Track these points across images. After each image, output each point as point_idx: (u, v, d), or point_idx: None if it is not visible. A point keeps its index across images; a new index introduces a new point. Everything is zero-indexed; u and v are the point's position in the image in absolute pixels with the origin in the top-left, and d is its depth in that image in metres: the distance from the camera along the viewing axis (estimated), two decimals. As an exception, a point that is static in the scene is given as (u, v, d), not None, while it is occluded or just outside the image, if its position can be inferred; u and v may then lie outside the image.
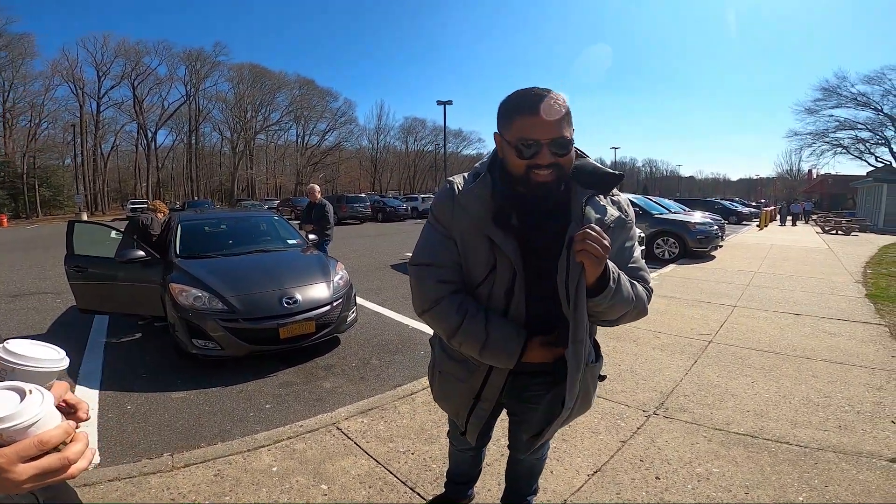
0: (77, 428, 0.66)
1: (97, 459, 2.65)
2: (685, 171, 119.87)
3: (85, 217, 32.94)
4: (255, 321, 3.93)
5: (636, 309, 1.25)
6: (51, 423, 0.61)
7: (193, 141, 60.50)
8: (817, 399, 3.22)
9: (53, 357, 0.71)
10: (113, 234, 5.39)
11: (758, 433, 2.76)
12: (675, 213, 12.18)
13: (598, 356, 1.45)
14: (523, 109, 1.17)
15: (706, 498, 2.17)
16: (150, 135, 56.99)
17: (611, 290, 1.14)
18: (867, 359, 4.02)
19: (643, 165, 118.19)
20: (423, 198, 31.03)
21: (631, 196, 12.50)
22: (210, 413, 3.27)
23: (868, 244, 15.25)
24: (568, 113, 1.18)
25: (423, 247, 1.34)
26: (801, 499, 2.14)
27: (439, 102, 35.23)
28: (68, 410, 0.70)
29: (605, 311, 1.20)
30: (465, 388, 1.43)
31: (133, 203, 37.64)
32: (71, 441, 0.62)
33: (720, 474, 2.35)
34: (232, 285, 4.17)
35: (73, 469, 0.60)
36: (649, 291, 1.31)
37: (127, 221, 5.39)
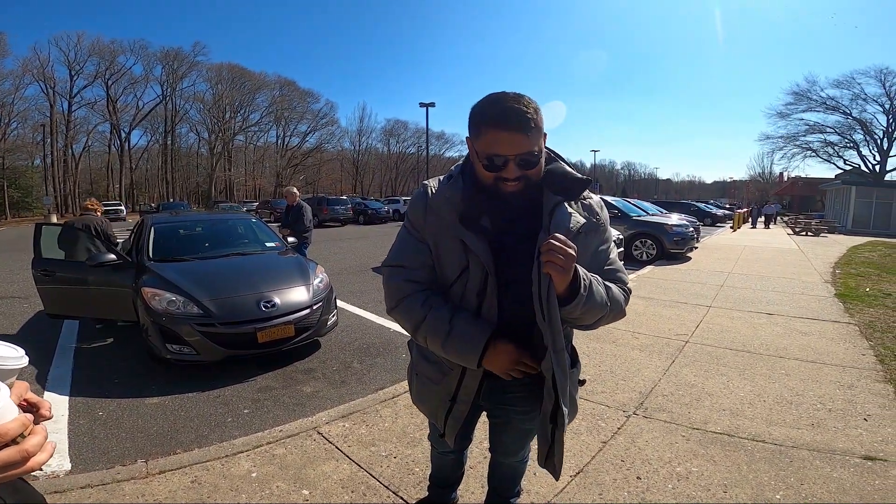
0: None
1: (67, 465, 2.57)
2: (662, 174, 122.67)
3: (54, 219, 31.90)
4: (232, 325, 3.86)
5: (612, 312, 1.24)
6: (7, 416, 0.60)
7: (169, 142, 59.12)
8: (790, 397, 3.30)
9: (11, 355, 0.71)
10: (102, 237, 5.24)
11: (734, 432, 2.81)
12: (652, 215, 12.42)
13: (576, 362, 1.44)
14: (490, 122, 1.15)
15: (686, 497, 2.19)
16: (123, 135, 55.50)
17: (582, 298, 1.14)
18: (838, 357, 4.15)
19: (622, 168, 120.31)
20: (405, 200, 30.96)
21: (610, 198, 12.68)
22: (186, 419, 3.19)
23: (837, 245, 15.80)
24: (537, 125, 1.15)
25: (396, 249, 1.38)
26: (777, 497, 2.18)
27: (422, 104, 35.15)
28: (30, 409, 0.69)
29: (580, 317, 1.20)
30: (441, 389, 1.42)
31: (105, 205, 36.57)
32: (29, 434, 0.61)
33: (699, 473, 2.38)
34: (208, 289, 4.09)
35: (32, 462, 0.60)
36: (626, 292, 1.31)
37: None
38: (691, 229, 11.43)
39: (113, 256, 4.53)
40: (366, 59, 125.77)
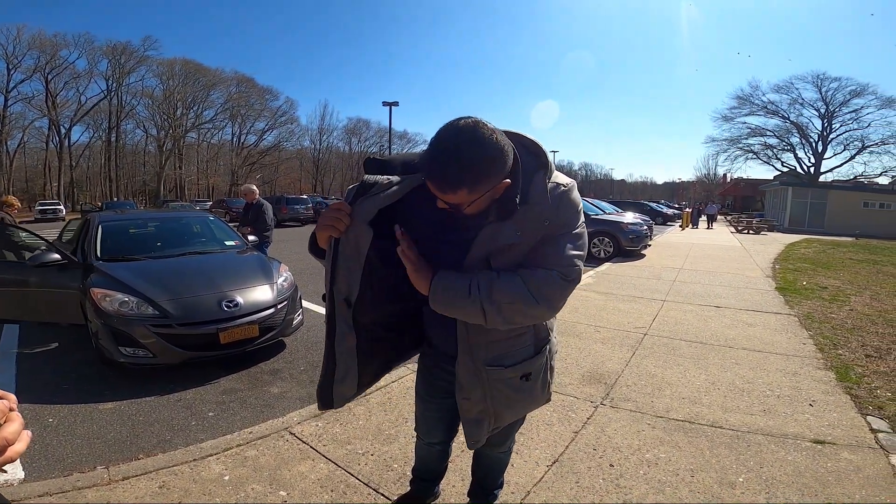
0: None
1: (21, 474, 2.40)
2: (617, 175, 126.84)
3: (-17, 219, 29.38)
4: (192, 326, 3.71)
5: (507, 300, 1.17)
6: None
7: (114, 138, 55.83)
8: (742, 385, 3.51)
9: None
10: (23, 235, 4.89)
11: (694, 419, 2.96)
12: (609, 214, 12.86)
13: (515, 363, 1.36)
14: (426, 168, 1.11)
15: (657, 482, 2.30)
16: (63, 131, 51.89)
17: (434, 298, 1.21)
18: (781, 346, 4.45)
19: (580, 169, 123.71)
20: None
21: (582, 206, 13.02)
22: (146, 423, 3.04)
23: (776, 243, 16.91)
24: (478, 181, 1.07)
25: None
26: (740, 479, 2.32)
27: (385, 103, 34.84)
28: None
29: (456, 313, 1.24)
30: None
31: (42, 205, 34.12)
32: (5, 422, 0.59)
33: (667, 459, 2.50)
34: (164, 289, 3.91)
35: (10, 451, 0.58)
36: (553, 281, 1.19)
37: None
38: (645, 228, 11.92)
39: (57, 256, 4.25)
40: (328, 57, 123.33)
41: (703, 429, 2.83)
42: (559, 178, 1.23)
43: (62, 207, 34.64)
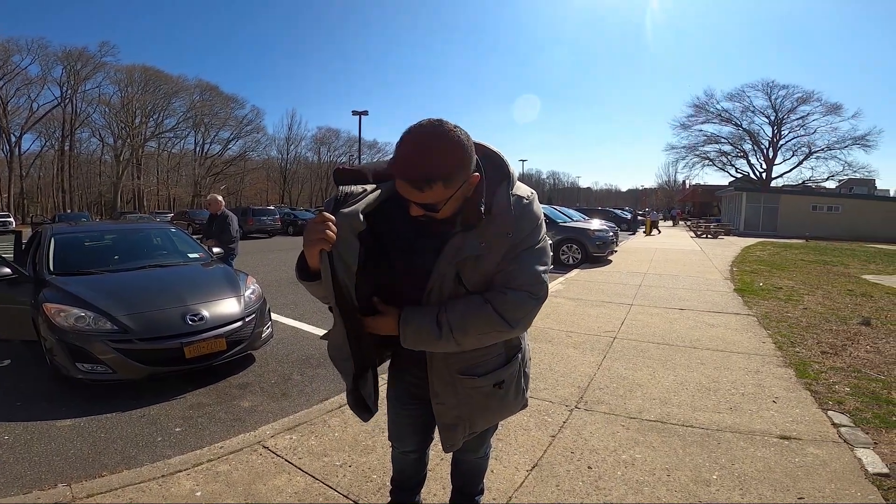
0: None
1: None
2: (583, 183, 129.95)
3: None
4: (154, 341, 3.58)
5: (480, 329, 1.21)
6: None
7: (67, 147, 53.28)
8: (708, 384, 3.62)
9: None
10: None
11: (666, 419, 3.03)
12: (576, 221, 13.15)
13: (487, 372, 1.36)
14: (394, 164, 1.11)
15: (635, 482, 2.34)
16: (13, 140, 49.16)
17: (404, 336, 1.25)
18: (742, 346, 4.63)
19: (548, 177, 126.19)
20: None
21: (542, 216, 13.25)
22: (108, 440, 2.91)
23: (733, 246, 17.66)
24: (443, 179, 1.07)
25: None
26: (714, 476, 2.38)
27: (355, 112, 34.66)
28: None
29: (429, 349, 1.29)
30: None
31: (-9, 215, 32.19)
32: None
33: (643, 459, 2.55)
34: (122, 303, 3.77)
35: None
36: (524, 303, 1.22)
37: None
38: (611, 234, 12.24)
39: (7, 270, 4.03)
40: (296, 66, 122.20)
41: (675, 428, 2.91)
42: (521, 189, 1.25)
43: (12, 220, 32.81)
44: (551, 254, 1.34)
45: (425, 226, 1.23)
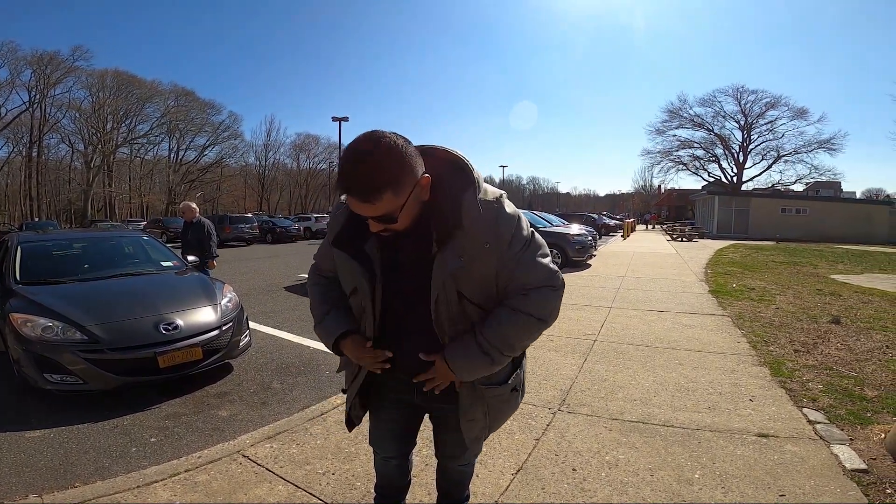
0: None
1: None
2: (563, 188, 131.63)
3: None
4: (126, 350, 3.49)
5: (522, 337, 1.29)
6: None
7: (35, 153, 51.48)
8: (686, 384, 3.68)
9: None
10: None
11: (647, 419, 3.06)
12: (556, 226, 13.29)
13: (506, 379, 1.40)
14: (340, 184, 1.11)
15: (620, 483, 2.35)
16: (-23, 145, 47.31)
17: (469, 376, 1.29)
18: (718, 346, 4.72)
19: (528, 183, 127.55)
20: (316, 217, 29.85)
21: (519, 211, 13.35)
22: (80, 451, 2.81)
23: (706, 248, 18.10)
24: (389, 188, 1.06)
25: (319, 247, 1.52)
26: (696, 476, 2.40)
27: (335, 119, 34.40)
28: None
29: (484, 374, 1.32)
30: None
31: (-51, 226, 30.85)
32: None
33: (626, 460, 2.56)
34: (92, 313, 3.68)
35: None
36: (548, 296, 1.27)
37: None
38: (590, 238, 12.41)
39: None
40: (275, 71, 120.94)
41: (656, 428, 2.94)
42: (489, 193, 1.24)
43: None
44: (545, 242, 1.35)
45: (401, 242, 1.23)
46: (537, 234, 1.31)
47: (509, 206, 1.26)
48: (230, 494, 2.24)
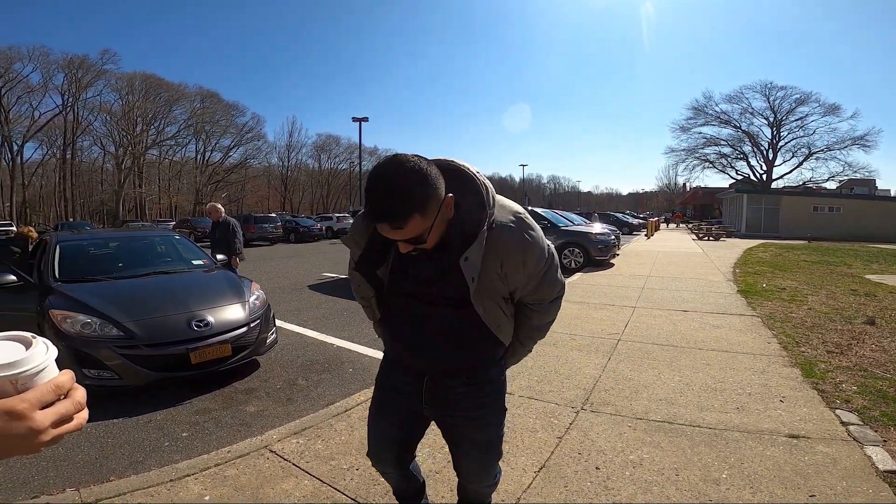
0: None
1: None
2: (584, 187, 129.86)
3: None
4: (160, 346, 3.59)
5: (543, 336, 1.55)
6: (55, 371, 0.59)
7: (69, 155, 53.50)
8: (714, 385, 3.61)
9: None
10: None
11: (673, 419, 3.02)
12: (578, 225, 13.14)
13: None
14: (368, 211, 1.13)
15: (644, 482, 2.33)
16: (15, 148, 49.33)
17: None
18: (748, 346, 4.61)
19: (548, 182, 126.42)
20: (337, 217, 30.23)
21: (540, 210, 13.26)
22: (115, 445, 2.92)
23: (735, 248, 17.64)
24: (417, 211, 1.09)
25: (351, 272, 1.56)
26: (724, 476, 2.37)
27: (355, 119, 34.75)
28: None
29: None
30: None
31: (-8, 225, 32.29)
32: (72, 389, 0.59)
33: (651, 459, 2.54)
34: (128, 309, 3.78)
35: (80, 416, 0.59)
36: (556, 307, 1.47)
37: None
38: (613, 237, 12.22)
39: (12, 277, 4.06)
40: (296, 73, 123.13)
41: (682, 428, 2.90)
42: (506, 208, 1.29)
43: (14, 229, 32.90)
44: (556, 253, 1.41)
45: (423, 255, 1.26)
46: (553, 248, 1.39)
47: (531, 226, 1.30)
48: (258, 489, 2.30)
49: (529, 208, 13.78)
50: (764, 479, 2.33)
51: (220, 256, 5.76)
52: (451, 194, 1.17)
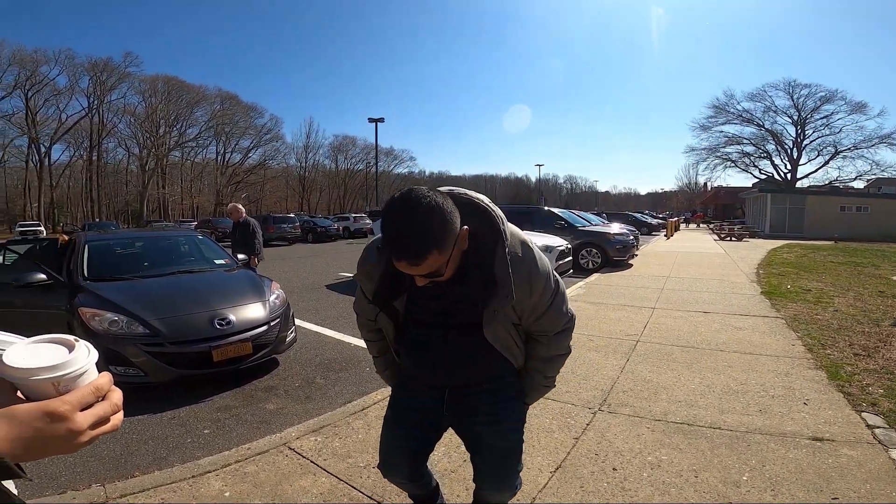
0: None
1: (13, 490, 2.34)
2: (601, 187, 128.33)
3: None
4: (184, 344, 3.68)
5: (560, 367, 1.55)
6: (95, 374, 0.60)
7: (95, 157, 55.09)
8: (736, 387, 3.55)
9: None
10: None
11: (692, 421, 2.99)
12: (595, 225, 13.01)
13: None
14: (387, 248, 1.13)
15: (662, 483, 2.31)
16: (43, 150, 51.00)
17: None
18: (771, 348, 4.52)
19: (565, 182, 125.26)
20: (354, 217, 30.49)
21: (557, 210, 13.17)
22: (140, 441, 3.00)
23: (758, 248, 17.24)
24: (436, 247, 1.09)
25: (356, 294, 1.59)
26: (744, 478, 2.34)
27: (371, 120, 35.11)
28: None
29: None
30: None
31: (22, 226, 33.47)
32: (109, 392, 0.61)
33: (669, 461, 2.51)
34: (154, 308, 3.88)
35: (116, 418, 0.60)
36: (567, 337, 1.48)
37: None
38: (631, 238, 12.08)
39: (43, 276, 4.19)
40: (313, 74, 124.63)
41: (702, 430, 2.86)
42: (515, 237, 1.29)
43: (42, 229, 34.05)
44: (561, 282, 1.43)
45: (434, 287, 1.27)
46: (560, 281, 1.40)
47: (538, 256, 1.32)
48: (276, 485, 2.34)
49: (546, 208, 13.68)
50: (785, 481, 2.29)
51: (240, 256, 5.87)
52: (465, 227, 1.18)
